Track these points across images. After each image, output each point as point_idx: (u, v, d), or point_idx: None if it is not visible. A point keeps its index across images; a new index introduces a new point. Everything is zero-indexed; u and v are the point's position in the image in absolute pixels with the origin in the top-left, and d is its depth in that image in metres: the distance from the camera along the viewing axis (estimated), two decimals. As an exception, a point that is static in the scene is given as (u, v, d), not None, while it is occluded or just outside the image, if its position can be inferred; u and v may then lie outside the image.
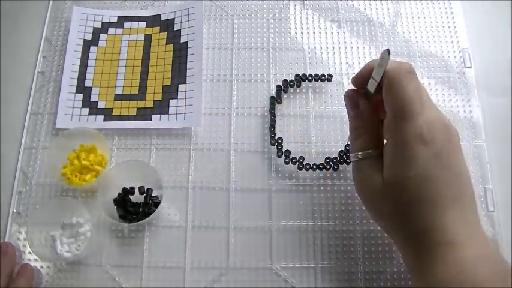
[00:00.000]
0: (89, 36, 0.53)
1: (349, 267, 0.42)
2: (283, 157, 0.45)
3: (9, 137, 0.48)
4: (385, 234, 0.42)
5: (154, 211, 0.42)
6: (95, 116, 0.48)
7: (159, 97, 0.49)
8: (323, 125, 0.48)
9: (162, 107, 0.48)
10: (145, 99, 0.49)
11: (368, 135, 0.35)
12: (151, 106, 0.49)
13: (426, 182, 0.30)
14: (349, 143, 0.45)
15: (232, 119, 0.48)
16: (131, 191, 0.44)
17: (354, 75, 0.36)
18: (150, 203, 0.43)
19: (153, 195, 0.44)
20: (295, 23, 0.53)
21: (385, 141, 0.34)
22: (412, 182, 0.30)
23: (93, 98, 0.49)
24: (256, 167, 0.46)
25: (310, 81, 0.49)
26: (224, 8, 0.54)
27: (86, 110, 0.49)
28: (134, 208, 0.43)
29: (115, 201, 0.43)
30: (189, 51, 0.51)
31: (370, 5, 0.54)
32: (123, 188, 0.44)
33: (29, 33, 0.54)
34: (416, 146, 0.30)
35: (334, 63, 0.51)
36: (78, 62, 0.51)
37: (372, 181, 0.33)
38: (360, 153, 0.35)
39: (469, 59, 0.50)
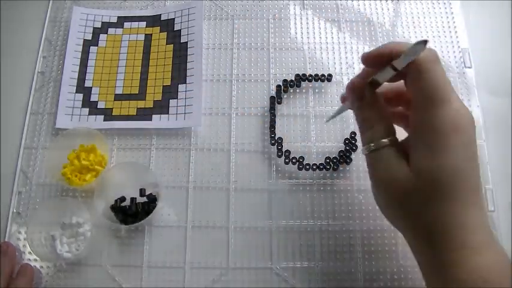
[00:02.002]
0: (89, 36, 0.53)
1: (349, 267, 0.42)
2: (283, 157, 0.45)
3: (9, 137, 0.48)
4: (385, 234, 0.42)
5: (154, 208, 0.42)
6: (95, 116, 0.48)
7: (159, 97, 0.49)
8: (323, 125, 0.48)
9: (162, 107, 0.48)
10: (145, 99, 0.49)
11: (381, 124, 0.32)
12: (151, 106, 0.49)
13: (457, 173, 0.29)
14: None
15: (232, 119, 0.48)
16: (123, 199, 0.44)
17: (365, 55, 0.33)
18: (147, 202, 0.43)
19: (147, 193, 0.44)
20: (295, 23, 0.53)
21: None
22: (444, 172, 0.29)
23: (93, 98, 0.49)
24: (256, 167, 0.46)
25: (310, 81, 0.49)
26: (224, 8, 0.54)
27: (86, 110, 0.49)
28: (132, 210, 0.43)
29: (112, 208, 0.43)
30: (189, 51, 0.51)
31: (370, 5, 0.54)
32: (115, 199, 0.44)
33: (29, 33, 0.54)
34: (449, 134, 0.29)
35: (334, 63, 0.51)
36: (78, 62, 0.51)
37: (395, 171, 0.30)
38: (373, 144, 0.32)
39: (469, 59, 0.50)
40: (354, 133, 0.46)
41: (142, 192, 0.44)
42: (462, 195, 0.29)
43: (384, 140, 0.32)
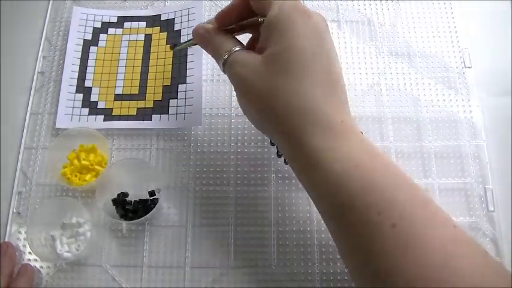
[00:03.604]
0: (89, 36, 0.53)
1: (349, 267, 0.42)
2: (283, 157, 0.45)
3: (9, 137, 0.48)
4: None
5: (156, 203, 0.42)
6: (95, 116, 0.48)
7: (159, 97, 0.49)
8: (323, 125, 0.48)
9: (162, 107, 0.48)
10: (145, 99, 0.49)
11: (229, 40, 0.35)
12: (151, 106, 0.49)
13: (304, 53, 0.30)
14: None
15: (232, 119, 0.48)
16: (126, 194, 0.44)
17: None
18: (148, 199, 0.43)
19: (149, 189, 0.44)
20: (295, 23, 0.53)
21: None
22: (292, 51, 0.30)
23: (93, 98, 0.49)
24: (256, 167, 0.46)
25: (310, 81, 0.49)
26: (224, 8, 0.54)
27: (86, 110, 0.49)
28: (133, 206, 0.43)
29: (114, 201, 0.43)
30: (189, 51, 0.51)
31: (370, 5, 0.54)
32: (118, 193, 0.44)
33: (29, 33, 0.54)
34: (298, 18, 0.31)
35: (334, 63, 0.50)
36: (78, 62, 0.51)
37: (249, 62, 0.32)
38: (226, 54, 0.34)
39: (469, 59, 0.50)
40: None
41: (151, 193, 0.44)
42: (311, 75, 0.30)
43: (234, 48, 0.34)
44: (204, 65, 0.50)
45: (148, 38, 0.53)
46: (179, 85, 0.49)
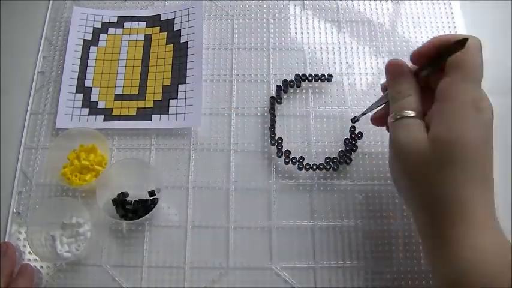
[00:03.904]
0: (89, 36, 0.53)
1: (349, 267, 0.42)
2: (283, 157, 0.45)
3: (9, 137, 0.48)
4: (385, 234, 0.42)
5: (156, 203, 0.42)
6: (95, 116, 0.48)
7: (159, 97, 0.49)
8: (323, 125, 0.48)
9: (162, 107, 0.48)
10: (145, 99, 0.49)
11: (411, 98, 0.35)
12: (151, 106, 0.49)
13: (471, 148, 0.32)
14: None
15: (232, 119, 0.48)
16: (126, 194, 0.44)
17: (414, 51, 0.36)
18: (148, 199, 0.43)
19: (149, 189, 0.44)
20: (295, 23, 0.53)
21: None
22: (459, 144, 0.31)
23: (93, 98, 0.49)
24: (256, 167, 0.46)
25: (310, 81, 0.49)
26: (224, 8, 0.54)
27: (86, 110, 0.49)
28: (133, 206, 0.43)
29: (114, 201, 0.43)
30: (189, 51, 0.51)
31: (370, 5, 0.54)
32: (118, 193, 0.44)
33: (29, 33, 0.54)
34: (471, 110, 0.32)
35: (334, 63, 0.51)
36: (78, 62, 0.51)
37: (415, 138, 0.33)
38: (400, 113, 0.35)
39: (469, 59, 0.50)
40: (353, 127, 0.46)
41: (151, 193, 0.44)
42: (471, 170, 0.32)
43: (410, 112, 0.34)
44: (204, 65, 0.50)
45: (148, 38, 0.53)
46: (179, 85, 0.49)
